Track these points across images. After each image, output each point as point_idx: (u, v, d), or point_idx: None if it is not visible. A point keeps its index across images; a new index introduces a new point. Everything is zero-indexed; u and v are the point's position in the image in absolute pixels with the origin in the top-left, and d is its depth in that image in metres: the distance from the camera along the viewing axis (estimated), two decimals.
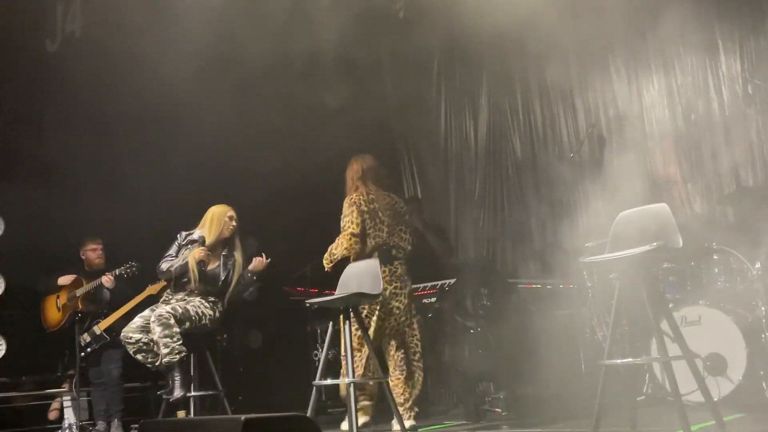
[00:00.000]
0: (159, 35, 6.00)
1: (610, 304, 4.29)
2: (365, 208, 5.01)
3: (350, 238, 4.94)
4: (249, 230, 6.76)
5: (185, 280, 5.22)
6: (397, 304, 4.98)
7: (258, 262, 5.26)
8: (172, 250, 5.33)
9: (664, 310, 4.00)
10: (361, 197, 5.05)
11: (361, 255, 4.95)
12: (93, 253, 6.44)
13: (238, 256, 5.34)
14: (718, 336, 4.92)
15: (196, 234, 5.37)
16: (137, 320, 4.99)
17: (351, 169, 5.22)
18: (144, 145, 6.68)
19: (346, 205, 5.06)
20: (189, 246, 5.32)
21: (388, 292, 4.94)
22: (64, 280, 6.31)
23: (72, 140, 6.49)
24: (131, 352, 4.97)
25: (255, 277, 5.27)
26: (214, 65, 6.36)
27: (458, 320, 5.57)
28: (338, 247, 5.00)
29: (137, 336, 4.92)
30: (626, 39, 6.21)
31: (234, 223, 5.38)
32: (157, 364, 4.95)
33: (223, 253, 5.33)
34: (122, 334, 4.98)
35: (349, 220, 4.98)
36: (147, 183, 6.63)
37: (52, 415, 6.44)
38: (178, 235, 5.40)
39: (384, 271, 4.88)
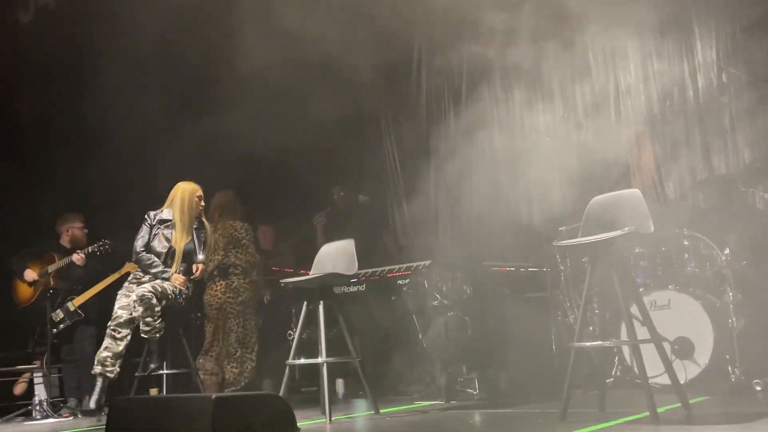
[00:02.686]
0: (135, 7, 5.91)
1: (582, 287, 4.34)
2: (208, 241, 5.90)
3: None
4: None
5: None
6: (231, 310, 6.01)
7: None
8: (144, 231, 5.27)
9: (634, 294, 4.06)
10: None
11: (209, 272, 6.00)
12: (80, 231, 6.39)
13: (206, 224, 5.42)
14: (686, 320, 5.00)
15: (165, 213, 5.31)
16: (123, 315, 4.98)
17: (213, 203, 6.11)
18: (120, 121, 6.59)
19: None
20: (160, 225, 5.26)
21: (222, 301, 6.00)
22: (30, 275, 6.23)
23: (45, 113, 6.40)
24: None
25: None
26: (192, 36, 6.28)
27: (431, 301, 5.60)
28: None
29: (126, 331, 4.96)
30: (603, 24, 6.22)
31: (203, 203, 5.42)
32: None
33: (195, 227, 5.32)
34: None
35: None
36: (122, 158, 6.56)
37: (18, 389, 6.40)
38: (147, 216, 5.32)
39: (222, 284, 6.03)
